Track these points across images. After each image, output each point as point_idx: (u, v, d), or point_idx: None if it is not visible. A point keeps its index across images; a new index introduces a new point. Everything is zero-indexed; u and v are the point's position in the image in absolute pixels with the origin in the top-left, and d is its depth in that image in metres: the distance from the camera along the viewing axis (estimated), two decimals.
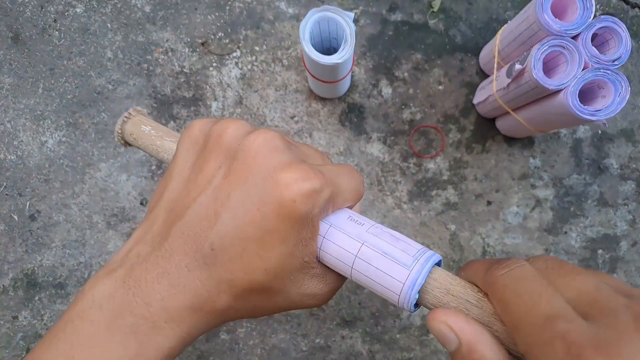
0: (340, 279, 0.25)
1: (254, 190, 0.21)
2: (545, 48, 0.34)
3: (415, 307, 0.21)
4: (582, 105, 0.34)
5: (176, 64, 0.49)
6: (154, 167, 0.49)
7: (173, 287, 0.21)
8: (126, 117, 0.30)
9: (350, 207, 0.25)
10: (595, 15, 0.35)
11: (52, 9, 0.49)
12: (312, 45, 0.38)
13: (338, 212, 0.23)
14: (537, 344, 0.16)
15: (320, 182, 0.21)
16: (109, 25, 0.49)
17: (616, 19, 0.34)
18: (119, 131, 0.29)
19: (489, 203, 0.50)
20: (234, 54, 0.50)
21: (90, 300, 0.22)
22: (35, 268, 0.48)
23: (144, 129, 0.29)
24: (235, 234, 0.21)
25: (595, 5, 0.46)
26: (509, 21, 0.46)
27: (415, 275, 0.20)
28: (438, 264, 0.22)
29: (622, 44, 0.34)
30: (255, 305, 0.23)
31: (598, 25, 0.34)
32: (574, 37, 0.35)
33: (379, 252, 0.21)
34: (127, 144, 0.30)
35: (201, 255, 0.21)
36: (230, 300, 0.22)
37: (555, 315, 0.16)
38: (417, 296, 0.20)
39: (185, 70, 0.49)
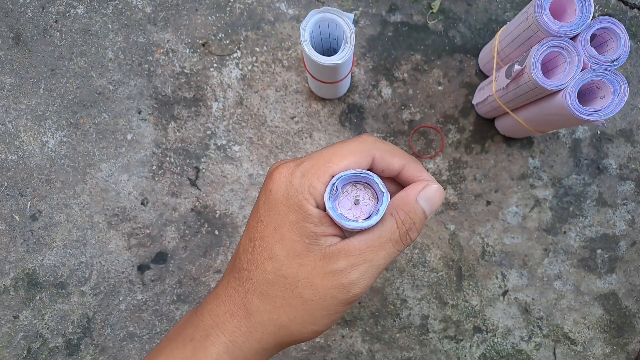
0: (369, 260, 0.23)
1: (257, 197, 0.24)
2: (544, 49, 0.35)
3: None
4: (581, 105, 0.35)
5: (177, 64, 0.50)
6: (154, 168, 0.49)
7: (217, 298, 0.26)
8: None
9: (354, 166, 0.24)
10: (594, 16, 0.35)
11: (53, 9, 0.50)
12: (312, 46, 0.38)
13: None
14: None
15: (290, 167, 0.23)
16: (110, 26, 0.50)
17: (615, 20, 0.34)
18: None
19: (488, 203, 0.50)
20: (235, 55, 0.50)
21: (176, 325, 0.28)
22: (37, 268, 0.48)
23: None
24: (247, 237, 0.25)
25: (594, 6, 0.46)
26: (508, 22, 0.46)
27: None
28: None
29: (621, 45, 0.35)
30: (285, 305, 0.24)
31: (597, 26, 0.34)
32: (573, 38, 0.35)
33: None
34: None
35: (233, 268, 0.26)
36: (258, 300, 0.24)
37: None
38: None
39: (186, 70, 0.50)
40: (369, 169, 0.24)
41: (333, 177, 0.23)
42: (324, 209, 0.23)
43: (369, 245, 0.23)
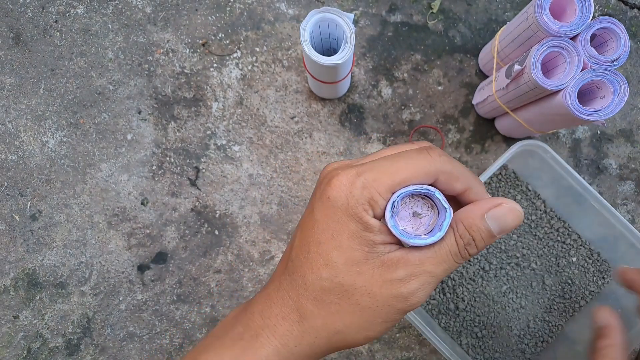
0: (425, 264, 0.23)
1: (312, 200, 0.24)
2: (544, 49, 0.35)
3: None
4: (581, 105, 0.35)
5: (177, 64, 0.50)
6: (154, 167, 0.49)
7: (268, 299, 0.25)
8: None
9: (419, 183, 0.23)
10: (594, 16, 0.35)
11: (53, 9, 0.50)
12: (312, 46, 0.38)
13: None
14: None
15: (350, 176, 0.22)
16: (109, 26, 0.50)
17: (615, 20, 0.34)
18: None
19: None
20: (235, 55, 0.50)
21: (223, 321, 0.28)
22: (37, 268, 0.48)
23: None
24: (301, 241, 0.24)
25: (594, 6, 0.46)
26: (508, 22, 0.46)
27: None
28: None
29: (620, 45, 0.35)
30: (340, 311, 0.23)
31: (597, 26, 0.34)
32: (573, 38, 0.35)
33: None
34: None
35: (286, 269, 0.25)
36: (312, 305, 0.24)
37: None
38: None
39: (186, 70, 0.50)
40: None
41: (394, 193, 0.22)
42: (381, 218, 0.23)
43: (430, 257, 0.23)
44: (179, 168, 0.49)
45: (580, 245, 0.48)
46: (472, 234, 0.23)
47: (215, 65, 0.50)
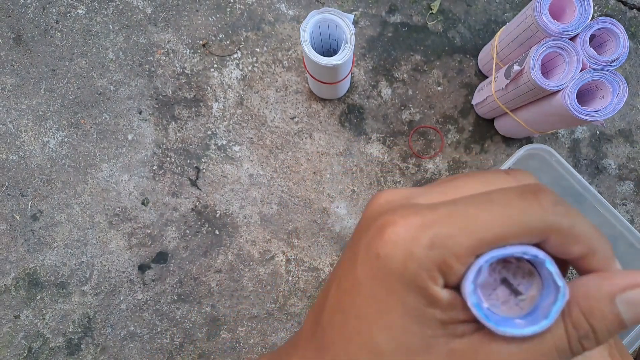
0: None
1: (354, 246, 0.17)
2: (543, 49, 0.35)
3: None
4: (580, 105, 0.35)
5: (177, 65, 0.50)
6: (155, 168, 0.49)
7: None
8: None
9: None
10: (593, 17, 0.35)
11: (54, 10, 0.50)
12: (312, 47, 0.38)
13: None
14: None
15: (411, 227, 0.15)
16: (110, 26, 0.50)
17: (614, 20, 0.35)
18: None
19: None
20: (235, 55, 0.50)
21: None
22: (37, 267, 0.48)
23: None
24: (337, 306, 0.17)
25: (594, 6, 0.46)
26: (507, 23, 0.46)
27: None
28: None
29: (620, 45, 0.35)
30: None
31: (596, 27, 0.35)
32: (572, 38, 0.35)
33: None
34: None
35: (313, 337, 0.18)
36: None
37: None
38: None
39: (186, 71, 0.50)
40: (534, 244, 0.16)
41: (478, 256, 0.15)
42: (453, 286, 0.16)
43: (524, 353, 0.15)
44: (179, 168, 0.49)
45: None
46: (593, 323, 0.15)
47: (215, 65, 0.50)
